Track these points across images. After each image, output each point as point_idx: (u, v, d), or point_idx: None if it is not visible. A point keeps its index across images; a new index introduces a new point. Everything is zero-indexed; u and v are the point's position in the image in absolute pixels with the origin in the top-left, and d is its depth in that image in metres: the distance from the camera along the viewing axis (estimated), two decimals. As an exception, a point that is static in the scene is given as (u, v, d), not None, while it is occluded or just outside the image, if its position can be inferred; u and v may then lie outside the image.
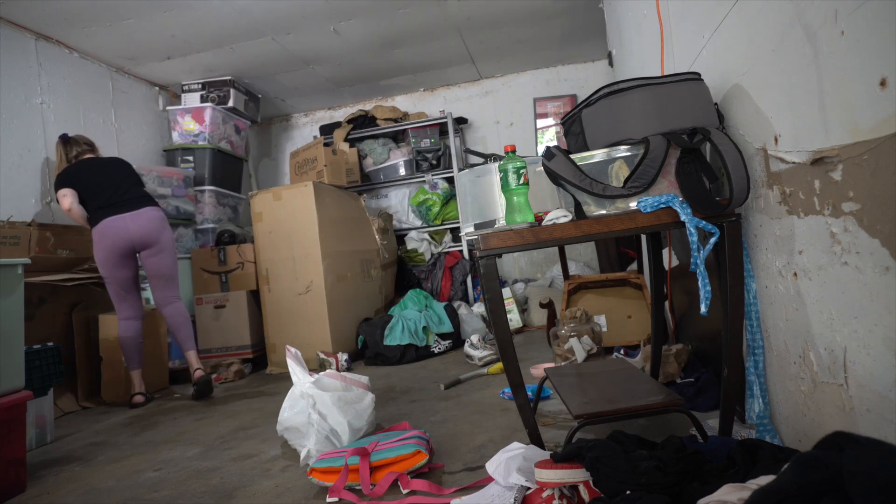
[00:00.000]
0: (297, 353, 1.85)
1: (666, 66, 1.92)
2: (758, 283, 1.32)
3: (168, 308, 2.95)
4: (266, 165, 5.44)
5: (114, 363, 3.00)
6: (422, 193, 4.59)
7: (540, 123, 4.91)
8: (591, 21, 3.94)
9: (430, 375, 2.78)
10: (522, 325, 3.95)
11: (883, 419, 0.86)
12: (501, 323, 1.37)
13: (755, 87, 1.20)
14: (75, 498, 1.66)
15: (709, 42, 1.45)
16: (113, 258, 2.80)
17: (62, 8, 3.08)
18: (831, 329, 0.99)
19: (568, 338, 2.26)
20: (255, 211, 3.50)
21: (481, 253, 1.33)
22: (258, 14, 3.41)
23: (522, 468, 1.22)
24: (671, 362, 1.87)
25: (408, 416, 2.05)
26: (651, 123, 1.26)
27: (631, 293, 2.69)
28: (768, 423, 1.32)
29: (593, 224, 1.27)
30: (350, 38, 3.89)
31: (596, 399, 1.46)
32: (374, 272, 4.02)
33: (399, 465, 1.45)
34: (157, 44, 3.66)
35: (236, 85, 4.31)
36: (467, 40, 4.18)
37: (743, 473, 0.95)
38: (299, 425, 1.69)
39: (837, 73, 0.87)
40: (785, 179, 1.10)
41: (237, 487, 1.57)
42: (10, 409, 1.75)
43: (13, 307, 1.81)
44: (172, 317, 2.95)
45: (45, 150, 3.30)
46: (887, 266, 0.80)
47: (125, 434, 2.33)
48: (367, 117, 4.78)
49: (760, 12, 1.12)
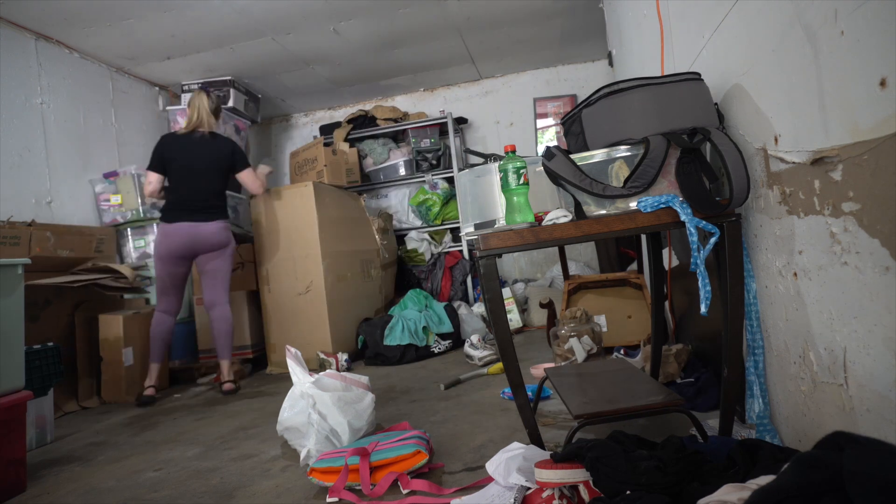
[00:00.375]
0: (297, 354, 1.85)
1: (666, 66, 1.92)
2: (758, 283, 1.32)
3: (217, 310, 3.01)
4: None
5: (114, 363, 3.00)
6: (422, 193, 4.59)
7: (540, 123, 4.91)
8: (591, 21, 3.94)
9: (430, 375, 2.78)
10: (522, 325, 3.95)
11: (883, 419, 0.86)
12: (501, 323, 1.37)
13: (755, 87, 1.20)
14: (75, 498, 1.66)
15: (709, 42, 1.45)
16: (172, 258, 2.91)
17: (62, 8, 3.08)
18: (831, 329, 0.99)
19: (568, 338, 2.26)
20: (254, 211, 3.50)
21: (481, 253, 1.33)
22: (258, 14, 3.41)
23: (522, 468, 1.22)
24: (671, 362, 1.87)
25: (408, 416, 2.05)
26: (651, 123, 1.26)
27: (631, 293, 2.69)
28: (768, 423, 1.32)
29: (593, 224, 1.27)
30: (350, 38, 3.89)
31: (596, 399, 1.46)
32: (374, 272, 4.02)
33: (399, 465, 1.45)
34: (157, 44, 3.66)
35: (236, 85, 4.31)
36: (467, 40, 4.18)
37: (743, 473, 0.95)
38: (299, 425, 1.69)
39: (837, 73, 0.87)
40: (785, 179, 1.10)
41: (237, 487, 1.57)
42: (11, 408, 1.75)
43: (13, 307, 1.81)
44: (219, 321, 3.01)
45: (45, 150, 3.30)
46: (887, 266, 0.80)
47: (125, 434, 2.33)
48: (367, 117, 4.78)
49: (760, 12, 1.12)
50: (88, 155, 3.63)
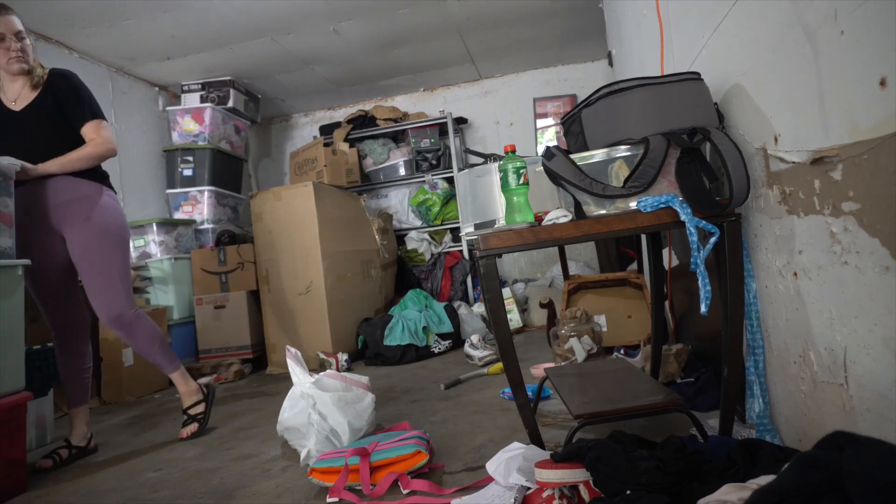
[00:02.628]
0: (297, 354, 1.85)
1: (666, 65, 1.92)
2: (758, 283, 1.32)
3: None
4: (266, 165, 5.44)
5: (114, 363, 3.00)
6: (422, 193, 4.59)
7: (540, 123, 4.91)
8: (591, 21, 3.94)
9: (431, 375, 2.78)
10: (522, 325, 3.95)
11: (883, 419, 0.86)
12: (501, 323, 1.37)
13: (755, 87, 1.20)
14: (76, 498, 1.66)
15: (708, 42, 1.45)
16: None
17: (62, 8, 3.08)
18: (831, 329, 0.99)
19: (568, 338, 2.26)
20: (254, 211, 3.50)
21: (481, 253, 1.33)
22: (258, 14, 3.41)
23: (522, 468, 1.22)
24: (671, 362, 1.87)
25: (408, 416, 2.05)
26: (651, 123, 1.25)
27: (631, 293, 2.69)
28: (768, 422, 1.32)
29: (593, 224, 1.27)
30: (350, 38, 3.89)
31: (596, 399, 1.46)
32: (374, 272, 4.02)
33: (399, 466, 1.45)
34: (157, 44, 3.66)
35: (236, 85, 4.31)
36: (467, 40, 4.18)
37: (743, 473, 0.95)
38: (299, 425, 1.69)
39: (837, 73, 0.87)
40: (785, 179, 1.10)
41: (237, 488, 1.57)
42: (11, 409, 1.75)
43: (14, 308, 1.81)
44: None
45: (45, 151, 3.30)
46: (887, 266, 0.80)
47: (125, 434, 2.33)
48: (367, 117, 4.78)
49: (760, 12, 1.12)
50: (88, 155, 3.63)
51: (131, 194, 3.95)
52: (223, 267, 3.64)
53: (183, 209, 4.09)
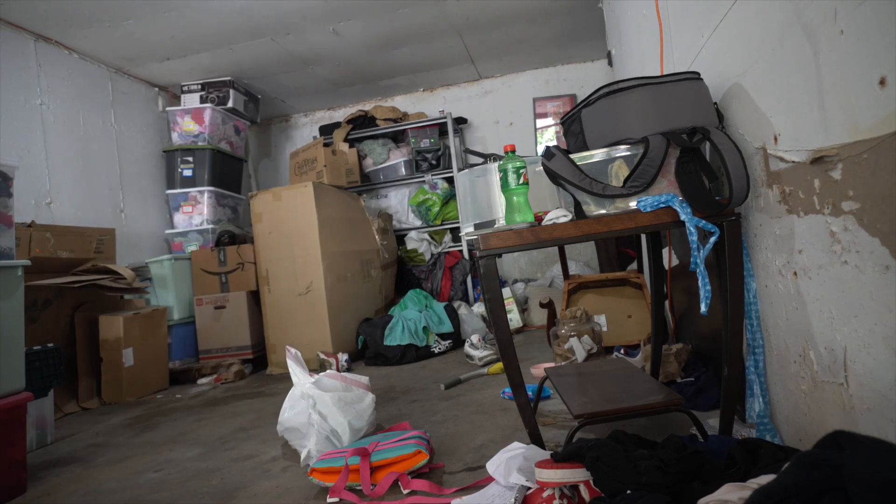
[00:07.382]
0: (297, 354, 1.85)
1: (665, 65, 1.92)
2: (758, 283, 1.32)
3: None
4: (266, 166, 5.44)
5: (114, 364, 2.99)
6: (422, 193, 4.59)
7: (539, 123, 4.91)
8: (591, 21, 3.94)
9: (431, 375, 2.78)
10: (522, 325, 3.94)
11: (883, 418, 0.86)
12: (501, 323, 1.37)
13: (754, 87, 1.20)
14: (76, 499, 1.66)
15: (708, 41, 1.45)
16: None
17: (62, 8, 3.08)
18: (831, 328, 0.99)
19: (568, 337, 2.26)
20: (254, 211, 3.50)
21: (481, 253, 1.33)
22: (258, 14, 3.41)
23: (523, 468, 1.22)
24: (671, 362, 1.87)
25: (408, 416, 2.05)
26: (650, 123, 1.26)
27: (631, 293, 2.69)
28: (769, 422, 1.32)
29: (593, 224, 1.27)
30: (350, 38, 3.89)
31: (596, 399, 1.46)
32: (374, 272, 4.02)
33: (399, 466, 1.45)
34: (157, 44, 3.66)
35: (236, 85, 4.31)
36: (467, 40, 4.18)
37: (743, 473, 0.95)
38: (300, 426, 1.69)
39: (837, 72, 0.87)
40: (784, 178, 1.10)
41: (237, 488, 1.57)
42: (11, 410, 1.75)
43: (13, 309, 1.81)
44: None
45: (45, 152, 3.30)
46: (887, 265, 0.80)
47: (125, 435, 2.33)
48: (367, 117, 4.78)
49: (760, 12, 1.12)
50: (88, 156, 3.63)
51: (131, 195, 3.95)
52: (223, 267, 3.64)
53: (183, 210, 4.10)
